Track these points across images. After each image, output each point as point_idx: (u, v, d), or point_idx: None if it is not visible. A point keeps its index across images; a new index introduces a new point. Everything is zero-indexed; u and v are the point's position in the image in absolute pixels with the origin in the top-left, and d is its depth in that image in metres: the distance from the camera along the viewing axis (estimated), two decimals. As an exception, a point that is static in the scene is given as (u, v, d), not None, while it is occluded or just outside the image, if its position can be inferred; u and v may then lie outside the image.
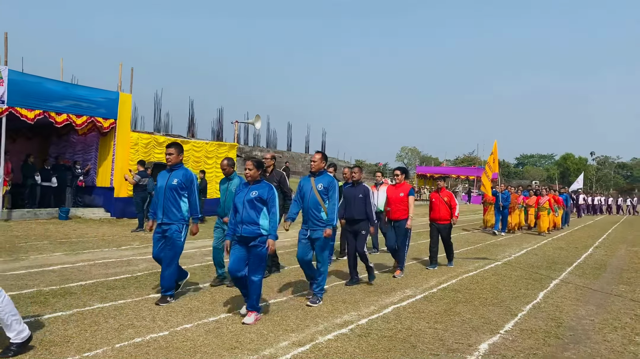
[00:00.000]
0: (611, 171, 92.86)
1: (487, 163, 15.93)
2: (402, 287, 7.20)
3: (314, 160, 6.31)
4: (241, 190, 5.34)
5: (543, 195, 18.00)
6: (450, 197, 9.07)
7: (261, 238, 5.14)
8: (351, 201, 7.15)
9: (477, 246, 12.88)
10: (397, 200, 7.93)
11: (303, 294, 6.47)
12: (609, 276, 8.83)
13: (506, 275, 8.54)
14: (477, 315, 5.76)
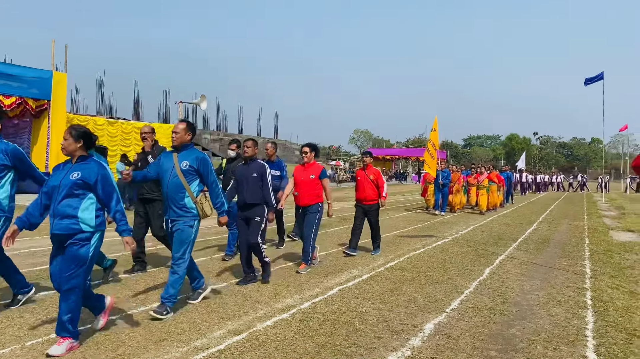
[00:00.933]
0: (553, 150, 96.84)
1: (429, 141, 15.65)
2: (349, 267, 7.00)
3: (175, 131, 4.82)
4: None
5: (482, 173, 17.41)
6: (377, 175, 8.19)
7: None
8: (243, 182, 5.91)
9: (424, 224, 12.91)
10: (306, 182, 6.85)
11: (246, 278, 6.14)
12: (552, 251, 8.97)
13: (453, 252, 8.51)
14: (423, 294, 5.61)
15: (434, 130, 15.68)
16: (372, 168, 8.21)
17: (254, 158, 6.04)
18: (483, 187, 16.77)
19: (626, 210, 18.85)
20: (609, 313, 5.03)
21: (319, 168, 6.98)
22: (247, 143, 6.07)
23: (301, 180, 6.91)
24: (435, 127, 15.58)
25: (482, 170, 17.56)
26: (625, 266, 7.58)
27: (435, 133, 15.63)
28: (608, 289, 6.03)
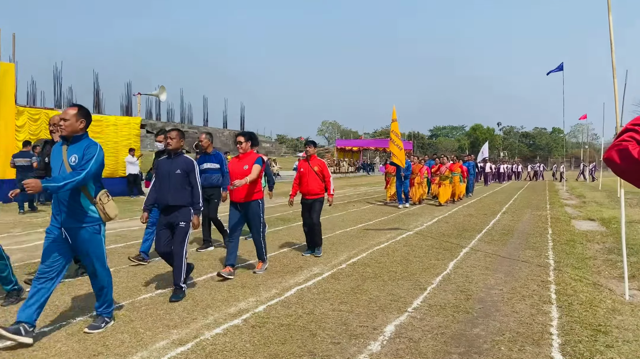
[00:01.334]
0: (516, 140, 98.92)
1: (391, 132, 15.33)
2: (310, 265, 6.72)
3: (64, 118, 3.92)
4: None
5: (444, 163, 16.86)
6: (322, 167, 7.39)
7: None
8: (165, 179, 5.15)
9: (390, 216, 12.75)
10: (241, 175, 5.83)
11: (199, 279, 5.78)
12: (516, 242, 8.90)
13: (417, 245, 8.34)
14: (385, 292, 5.38)
15: (394, 120, 15.33)
16: (317, 159, 7.50)
17: (179, 152, 5.28)
18: (445, 178, 16.31)
19: (587, 199, 19.22)
20: (574, 307, 4.90)
21: (254, 157, 5.97)
22: (171, 134, 5.25)
23: (235, 172, 5.92)
24: (395, 117, 15.24)
25: (445, 161, 17.09)
26: (588, 257, 7.55)
27: (395, 124, 15.30)
28: (572, 281, 5.93)
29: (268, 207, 13.88)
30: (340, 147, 55.46)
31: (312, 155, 7.49)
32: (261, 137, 67.80)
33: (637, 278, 6.16)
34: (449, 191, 16.30)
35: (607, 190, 23.94)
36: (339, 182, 31.40)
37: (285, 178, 31.44)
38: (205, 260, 6.99)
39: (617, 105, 5.57)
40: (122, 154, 17.49)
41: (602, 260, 7.34)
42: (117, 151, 17.20)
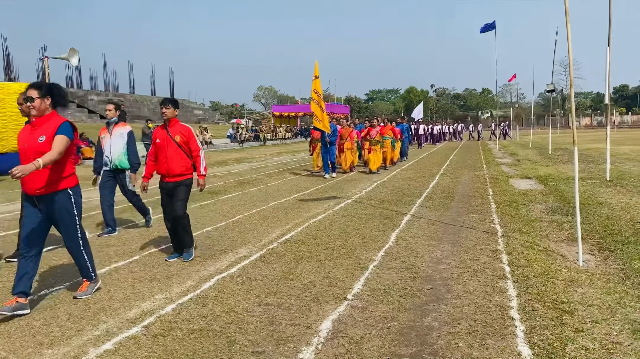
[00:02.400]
0: (448, 102, 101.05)
1: (312, 91, 13.11)
2: (237, 245, 5.87)
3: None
4: None
5: (374, 126, 15.24)
6: (187, 136, 5.27)
7: None
8: None
9: (328, 183, 12.05)
10: (34, 152, 3.79)
11: (99, 271, 4.80)
12: (458, 205, 8.45)
13: (356, 215, 7.68)
14: (321, 275, 4.65)
15: (315, 77, 13.15)
16: (180, 126, 5.31)
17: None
18: (376, 142, 14.74)
19: (520, 157, 19.42)
20: (530, 281, 4.38)
21: (57, 124, 3.95)
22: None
23: (27, 151, 3.86)
24: (317, 74, 13.13)
25: (375, 123, 15.40)
26: (533, 219, 7.18)
27: (317, 81, 13.15)
28: (523, 249, 5.45)
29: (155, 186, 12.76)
30: (277, 113, 54.10)
31: (172, 119, 5.26)
32: (193, 104, 65.07)
33: (584, 240, 5.78)
34: (380, 157, 14.87)
35: (538, 148, 24.49)
36: (276, 149, 30.41)
37: (217, 147, 30.07)
38: (112, 246, 5.98)
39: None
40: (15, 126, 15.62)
41: (548, 222, 6.98)
42: (22, 122, 15.32)
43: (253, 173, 15.10)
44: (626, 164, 14.23)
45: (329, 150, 13.40)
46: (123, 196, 6.96)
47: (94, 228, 7.02)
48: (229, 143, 32.57)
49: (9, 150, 14.75)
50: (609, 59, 10.42)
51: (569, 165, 14.89)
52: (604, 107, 10.46)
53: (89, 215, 7.88)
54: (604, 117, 72.82)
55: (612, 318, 3.54)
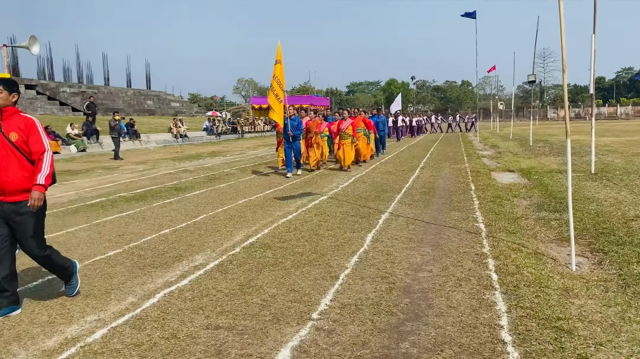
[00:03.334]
0: (428, 94, 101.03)
1: (273, 77, 11.50)
2: (194, 251, 5.25)
3: None
4: None
5: (345, 118, 13.38)
6: (30, 132, 3.66)
7: None
8: None
9: (303, 178, 11.46)
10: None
11: (26, 287, 4.15)
12: (439, 202, 7.94)
13: (330, 213, 7.11)
14: (285, 287, 4.06)
15: (277, 62, 11.44)
16: (19, 118, 3.68)
17: None
18: (347, 136, 13.08)
19: (501, 149, 19.07)
20: (521, 291, 3.86)
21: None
22: None
23: None
24: (280, 58, 11.42)
25: (345, 115, 13.50)
26: (519, 216, 6.69)
27: (279, 67, 11.47)
28: (510, 252, 4.94)
29: (162, 175, 12.08)
30: (256, 106, 53.17)
31: (6, 109, 3.64)
32: (170, 96, 63.71)
33: (574, 240, 5.30)
34: (352, 153, 13.31)
35: (519, 139, 24.23)
36: (253, 142, 29.68)
37: (193, 140, 29.22)
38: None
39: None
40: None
41: (535, 219, 6.51)
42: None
43: (226, 167, 14.43)
44: (609, 156, 13.92)
45: (292, 146, 11.85)
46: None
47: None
48: (205, 136, 31.71)
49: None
50: (594, 47, 10.00)
51: (551, 157, 14.55)
52: (589, 97, 10.02)
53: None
54: (582, 109, 73.67)
55: (617, 338, 3.04)
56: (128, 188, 10.18)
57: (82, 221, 6.86)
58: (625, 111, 73.97)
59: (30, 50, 15.61)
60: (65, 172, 13.57)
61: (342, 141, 13.09)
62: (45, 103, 40.50)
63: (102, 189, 10.08)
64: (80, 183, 11.23)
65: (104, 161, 16.92)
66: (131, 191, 9.70)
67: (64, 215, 7.29)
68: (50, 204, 8.12)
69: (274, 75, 11.50)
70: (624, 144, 18.37)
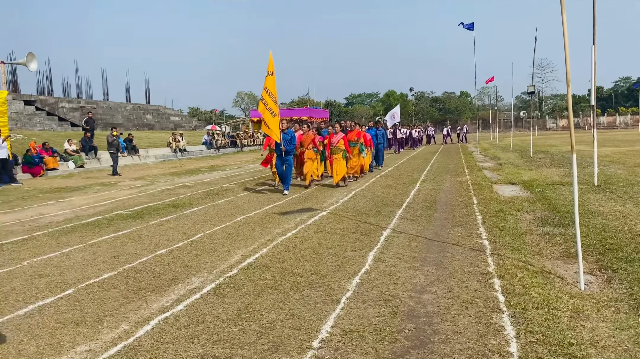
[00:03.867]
0: (427, 105, 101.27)
1: (264, 90, 10.81)
2: (190, 273, 5.10)
3: None
4: None
5: (337, 132, 12.50)
6: None
7: None
8: None
9: (302, 193, 11.32)
10: None
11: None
12: (442, 217, 7.80)
13: (331, 231, 6.96)
14: (284, 312, 3.91)
15: (269, 73, 10.75)
16: None
17: None
18: (338, 151, 12.24)
19: (501, 160, 18.96)
20: (530, 314, 3.71)
21: None
22: None
23: None
24: (272, 70, 10.74)
25: (337, 129, 12.60)
26: (523, 231, 6.56)
27: (271, 79, 10.76)
28: (516, 271, 4.79)
29: (160, 191, 11.83)
30: (255, 119, 53.23)
31: None
32: (169, 110, 63.76)
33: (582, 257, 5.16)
34: (343, 167, 12.28)
35: (519, 150, 24.14)
36: (253, 155, 29.59)
37: (192, 154, 29.13)
38: (46, 276, 5.14)
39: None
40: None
41: (539, 235, 6.37)
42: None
43: (225, 182, 14.30)
44: (611, 167, 13.80)
45: (285, 161, 11.15)
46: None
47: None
48: (204, 150, 31.62)
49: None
50: (594, 58, 9.93)
51: (553, 169, 14.43)
52: (589, 108, 9.92)
53: (30, 237, 7.01)
54: (581, 119, 73.71)
55: (633, 367, 2.89)
56: (125, 205, 10.05)
57: (77, 241, 6.72)
58: (625, 120, 74.03)
59: (28, 67, 15.60)
60: (62, 188, 13.45)
61: (333, 155, 12.35)
62: (44, 119, 40.52)
63: (99, 206, 9.94)
64: (77, 200, 11.10)
65: (101, 177, 16.79)
66: (128, 208, 9.56)
67: (59, 235, 7.15)
68: (46, 223, 8.01)
69: (266, 88, 10.83)
70: (626, 154, 18.26)
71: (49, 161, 18.35)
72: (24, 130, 25.87)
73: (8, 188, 14.00)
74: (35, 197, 11.79)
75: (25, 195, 12.16)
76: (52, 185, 14.56)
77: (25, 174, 17.04)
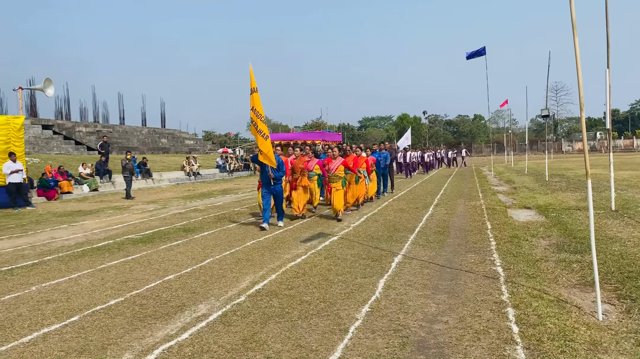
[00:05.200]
0: (441, 128, 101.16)
1: (251, 109, 9.34)
2: (197, 300, 5.03)
3: None
4: None
5: (335, 157, 10.99)
6: None
7: None
8: None
9: (312, 217, 11.23)
10: None
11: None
12: (455, 242, 7.66)
13: (341, 256, 6.86)
14: (291, 342, 3.82)
15: (254, 90, 9.24)
16: None
17: None
18: (337, 179, 10.89)
19: (516, 184, 18.73)
20: (545, 346, 3.57)
21: None
22: None
23: None
24: (255, 86, 9.24)
25: (336, 153, 11.04)
26: (538, 258, 6.39)
27: (256, 95, 9.29)
28: (531, 300, 4.65)
29: (172, 214, 11.82)
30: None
31: None
32: (184, 134, 64.52)
33: (599, 285, 4.99)
34: (342, 198, 10.85)
35: (534, 174, 23.86)
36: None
37: (206, 177, 29.29)
38: (53, 302, 5.11)
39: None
40: (1, 159, 14.81)
41: (555, 262, 6.20)
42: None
43: (237, 206, 14.29)
44: (629, 191, 13.54)
45: (272, 190, 9.86)
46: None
47: (41, 278, 6.13)
48: (217, 173, 31.80)
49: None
50: (608, 82, 9.82)
51: (569, 193, 14.19)
52: (605, 132, 9.79)
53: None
54: (596, 142, 72.97)
55: (656, 405, 2.74)
56: (136, 229, 10.06)
57: (87, 266, 6.70)
58: (642, 143, 73.09)
59: (45, 92, 15.89)
60: (76, 212, 13.54)
61: (332, 184, 10.95)
62: (61, 143, 41.20)
63: (111, 230, 9.96)
64: (90, 224, 11.14)
65: (115, 201, 16.91)
66: (139, 232, 9.57)
67: (69, 259, 7.15)
68: (57, 247, 8.02)
69: (253, 107, 9.32)
70: (643, 178, 17.93)
71: (64, 184, 18.56)
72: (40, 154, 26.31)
73: (23, 211, 14.14)
74: (49, 221, 11.87)
75: (39, 219, 12.26)
76: (66, 208, 14.68)
77: (40, 197, 17.22)
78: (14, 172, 14.62)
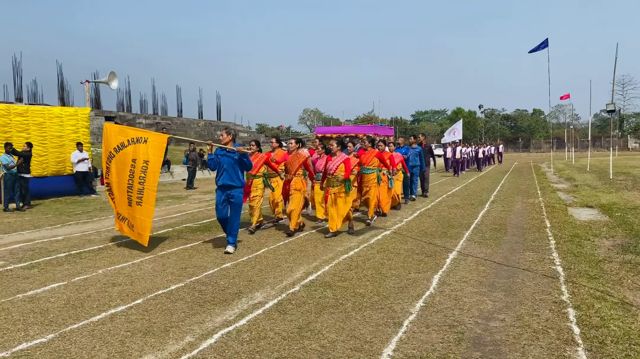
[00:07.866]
0: (497, 122, 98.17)
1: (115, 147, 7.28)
2: (254, 288, 5.17)
3: None
4: None
5: (335, 153, 8.15)
6: None
7: None
8: None
9: (361, 210, 11.22)
10: None
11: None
12: (512, 240, 7.47)
13: (394, 251, 6.85)
14: (345, 332, 3.87)
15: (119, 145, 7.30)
16: None
17: None
18: (337, 182, 8.02)
19: (577, 182, 17.98)
20: (608, 349, 3.45)
21: None
22: None
23: None
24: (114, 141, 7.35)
25: (335, 147, 8.12)
26: (601, 259, 6.15)
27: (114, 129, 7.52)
28: (593, 301, 4.49)
29: (182, 214, 11.97)
30: (319, 135, 53.86)
31: None
32: (239, 127, 65.87)
33: (674, 291, 4.75)
34: (346, 207, 8.06)
35: (596, 172, 22.81)
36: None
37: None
38: (118, 285, 5.40)
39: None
40: (69, 149, 15.66)
41: (619, 263, 5.94)
42: (62, 146, 15.32)
43: (290, 198, 14.45)
44: (703, 191, 12.71)
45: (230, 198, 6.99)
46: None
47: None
48: (270, 166, 32.26)
49: (49, 174, 14.84)
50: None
51: (635, 192, 13.49)
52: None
53: (107, 246, 7.39)
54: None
55: None
56: (194, 218, 10.41)
57: (148, 252, 7.01)
58: None
59: (110, 85, 16.64)
60: (137, 201, 14.13)
61: (331, 189, 8.08)
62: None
63: (170, 219, 10.35)
64: (150, 212, 11.61)
65: (173, 190, 17.52)
66: (197, 221, 9.90)
67: (131, 245, 7.50)
68: (120, 234, 8.42)
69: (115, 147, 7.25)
70: None
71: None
72: (105, 145, 27.61)
73: (88, 199, 14.89)
74: (111, 208, 12.45)
75: (102, 206, 12.89)
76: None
77: (102, 186, 18.09)
78: (81, 160, 15.43)
